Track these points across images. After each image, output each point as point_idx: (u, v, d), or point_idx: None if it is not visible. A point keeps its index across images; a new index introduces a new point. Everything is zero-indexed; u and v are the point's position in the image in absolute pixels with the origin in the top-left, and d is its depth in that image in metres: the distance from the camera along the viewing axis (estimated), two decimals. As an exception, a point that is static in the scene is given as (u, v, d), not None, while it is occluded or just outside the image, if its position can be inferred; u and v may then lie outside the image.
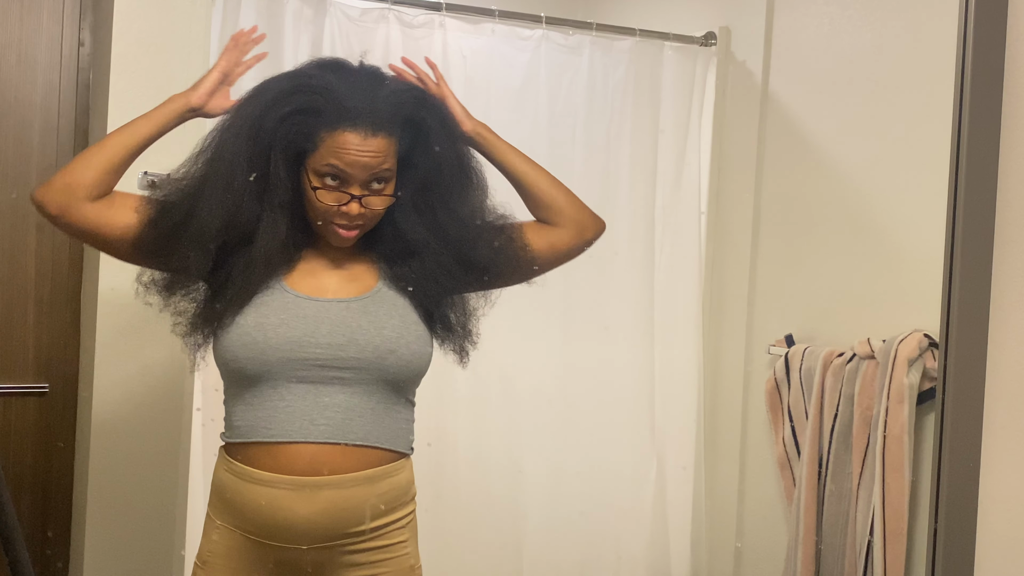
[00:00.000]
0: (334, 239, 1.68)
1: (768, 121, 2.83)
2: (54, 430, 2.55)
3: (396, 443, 1.70)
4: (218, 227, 1.62)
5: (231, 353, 1.64)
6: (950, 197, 1.78)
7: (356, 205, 1.64)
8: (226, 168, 1.64)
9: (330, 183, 1.63)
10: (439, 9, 2.61)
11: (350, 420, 1.64)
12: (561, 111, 2.78)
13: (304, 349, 1.63)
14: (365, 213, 1.66)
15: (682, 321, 2.95)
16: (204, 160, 1.68)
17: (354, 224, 1.66)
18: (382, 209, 1.68)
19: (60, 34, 2.51)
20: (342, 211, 1.64)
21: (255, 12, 2.43)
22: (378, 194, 1.66)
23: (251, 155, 1.63)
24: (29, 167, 2.50)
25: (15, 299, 2.50)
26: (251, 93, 1.70)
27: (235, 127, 1.67)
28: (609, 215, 2.86)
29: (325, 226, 1.67)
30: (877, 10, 2.53)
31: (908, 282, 2.38)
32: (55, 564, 2.55)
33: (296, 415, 1.63)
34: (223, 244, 1.64)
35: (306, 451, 1.63)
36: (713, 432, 2.98)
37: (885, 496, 2.29)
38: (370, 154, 1.62)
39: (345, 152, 1.61)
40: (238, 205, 1.63)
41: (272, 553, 1.65)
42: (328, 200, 1.64)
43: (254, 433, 1.64)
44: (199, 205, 1.63)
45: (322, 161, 1.62)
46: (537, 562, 2.79)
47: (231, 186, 1.63)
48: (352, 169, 1.62)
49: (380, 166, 1.64)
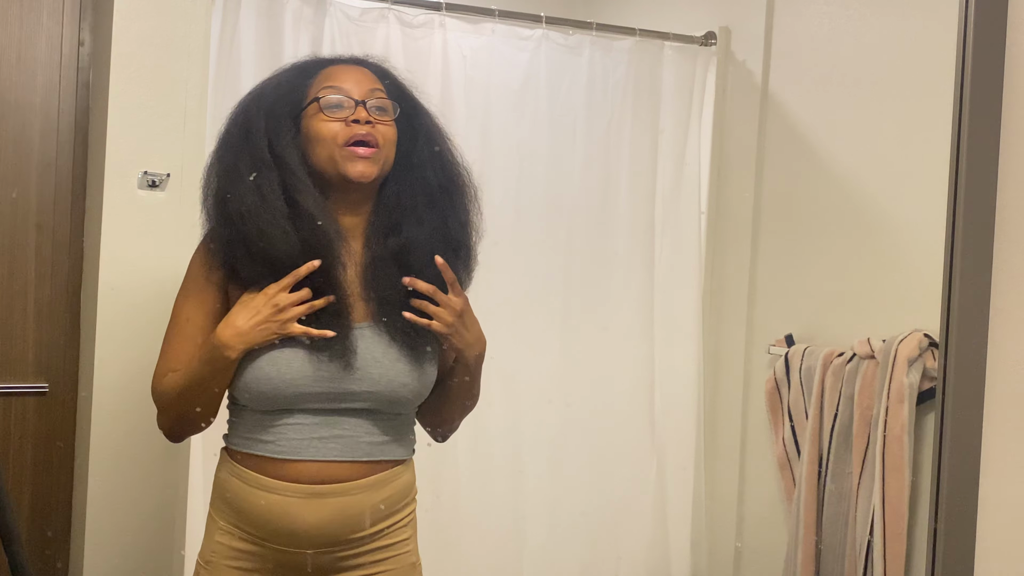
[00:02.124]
0: (352, 167, 1.62)
1: (768, 121, 2.83)
2: (54, 430, 2.55)
3: (399, 453, 1.71)
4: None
5: (243, 384, 1.62)
6: (950, 197, 1.78)
7: (363, 110, 1.62)
8: (240, 157, 1.64)
9: (332, 105, 1.63)
10: (439, 9, 2.61)
11: (358, 438, 1.64)
12: (561, 111, 2.78)
13: (317, 384, 1.61)
14: (375, 129, 1.63)
15: (682, 321, 2.95)
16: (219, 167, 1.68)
17: (369, 139, 1.62)
18: (392, 137, 1.66)
19: (60, 34, 2.51)
20: (352, 123, 1.62)
21: (255, 12, 2.43)
22: (381, 114, 1.66)
23: (250, 136, 1.64)
24: (29, 167, 2.50)
25: (15, 299, 2.50)
26: (234, 109, 1.72)
27: (240, 115, 1.69)
28: (609, 215, 2.89)
29: (339, 160, 1.62)
30: (877, 10, 2.53)
31: (908, 282, 2.38)
32: (55, 564, 2.55)
33: (304, 435, 1.62)
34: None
35: (313, 465, 1.63)
36: (713, 432, 2.98)
37: (885, 496, 2.29)
38: (359, 75, 1.66)
39: (336, 75, 1.66)
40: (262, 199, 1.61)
41: (276, 556, 1.65)
42: (336, 115, 1.62)
43: (260, 448, 1.64)
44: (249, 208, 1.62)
45: (317, 90, 1.65)
46: (537, 562, 2.79)
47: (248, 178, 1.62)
48: (348, 84, 1.64)
49: (374, 85, 1.66)
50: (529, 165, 2.74)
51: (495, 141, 2.70)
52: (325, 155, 1.63)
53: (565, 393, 2.79)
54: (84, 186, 2.52)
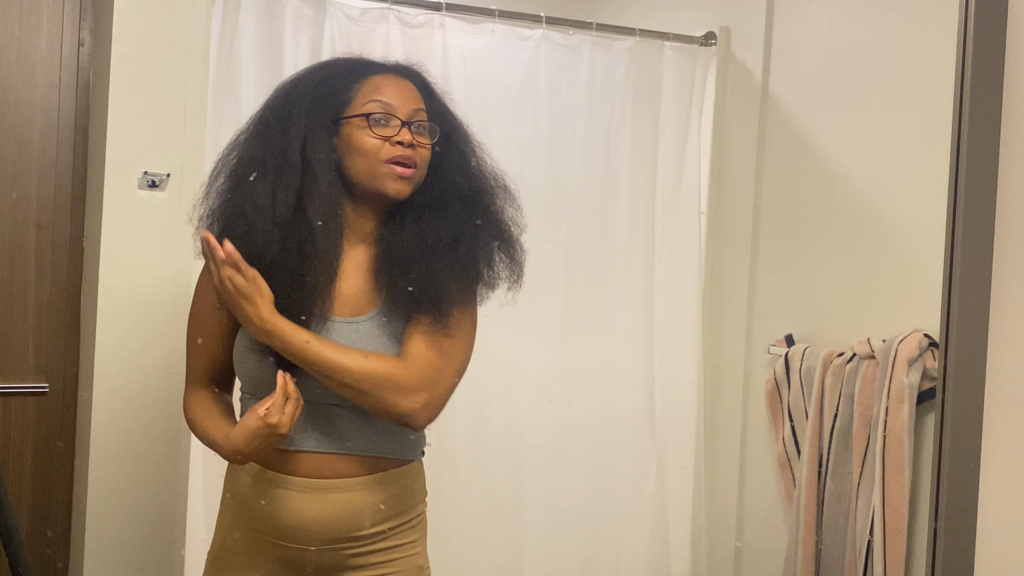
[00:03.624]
0: (391, 184, 1.64)
1: (768, 121, 2.83)
2: (54, 430, 2.55)
3: (405, 452, 1.71)
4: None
5: (246, 368, 1.66)
6: (950, 197, 1.78)
7: (407, 132, 1.64)
8: (267, 156, 1.63)
9: (378, 120, 1.64)
10: (439, 9, 2.61)
11: (360, 431, 1.65)
12: (561, 111, 2.78)
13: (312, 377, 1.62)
14: (416, 151, 1.65)
15: (682, 321, 2.95)
16: (238, 165, 1.67)
17: (410, 161, 1.64)
18: (428, 158, 1.68)
19: (60, 34, 2.51)
20: (396, 144, 1.63)
21: (255, 12, 2.43)
22: (422, 136, 1.67)
23: (287, 131, 1.63)
24: (29, 167, 2.50)
25: (15, 299, 2.50)
26: (271, 96, 1.71)
27: (267, 118, 1.68)
28: (609, 215, 2.89)
29: (378, 176, 1.64)
30: (877, 10, 2.53)
31: (908, 282, 2.38)
32: (55, 564, 2.55)
33: (308, 427, 1.63)
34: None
35: (317, 457, 1.64)
36: (713, 432, 2.98)
37: (885, 496, 2.29)
38: (405, 90, 1.67)
39: (383, 88, 1.66)
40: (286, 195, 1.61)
41: (281, 551, 1.66)
42: (381, 132, 1.63)
43: None
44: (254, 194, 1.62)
45: (362, 103, 1.65)
46: (537, 562, 2.79)
47: (274, 174, 1.62)
48: (395, 100, 1.65)
49: (418, 105, 1.68)
50: (529, 165, 2.74)
51: (495, 141, 2.66)
52: (365, 168, 1.64)
53: (565, 393, 2.79)
54: (84, 186, 2.52)
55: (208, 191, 1.68)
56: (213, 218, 1.66)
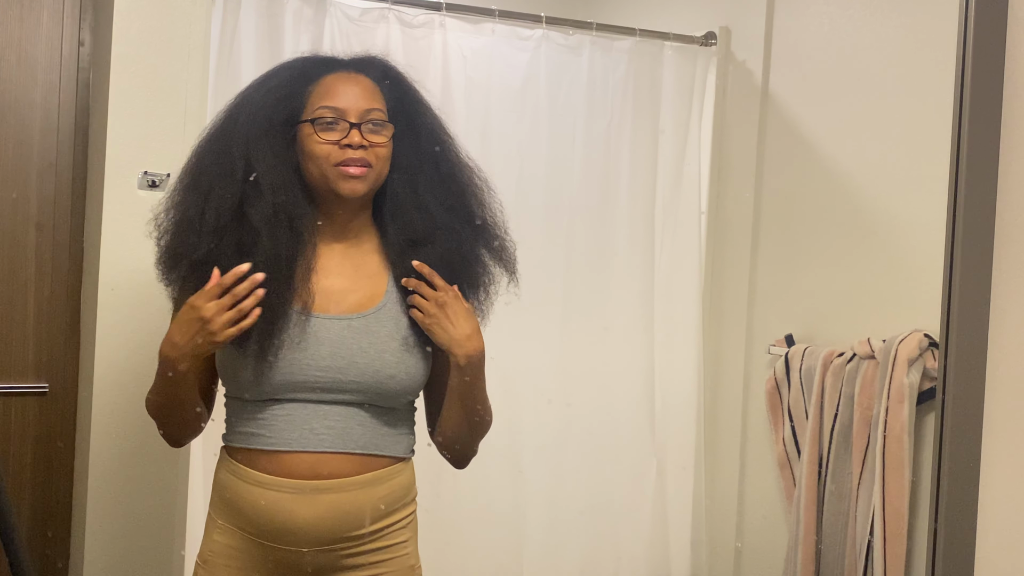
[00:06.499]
0: (343, 184, 1.64)
1: (768, 121, 2.84)
2: (54, 430, 2.55)
3: (396, 449, 1.70)
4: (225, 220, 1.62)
5: (232, 371, 1.65)
6: (950, 197, 1.78)
7: (357, 134, 1.64)
8: (223, 162, 1.65)
9: (327, 124, 1.64)
10: (439, 9, 2.61)
11: (350, 429, 1.64)
12: (561, 111, 2.78)
13: (304, 372, 1.62)
14: (369, 151, 1.65)
15: (682, 321, 2.95)
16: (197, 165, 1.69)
17: (360, 162, 1.64)
18: (385, 155, 1.68)
19: (60, 34, 2.51)
20: (345, 147, 1.63)
21: (255, 12, 2.43)
22: (376, 135, 1.67)
23: (247, 137, 1.65)
24: (29, 167, 2.50)
25: (15, 298, 2.50)
26: (231, 102, 1.73)
27: (222, 127, 1.70)
28: (609, 215, 2.89)
29: (332, 178, 1.64)
30: (877, 10, 2.53)
31: (908, 282, 2.38)
32: (55, 564, 2.55)
33: (296, 425, 1.63)
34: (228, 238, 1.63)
35: (307, 457, 1.63)
36: (713, 432, 2.98)
37: (885, 496, 2.29)
38: (358, 89, 1.67)
39: (334, 91, 1.66)
40: (241, 194, 1.63)
41: (273, 554, 1.65)
42: (329, 137, 1.64)
43: (254, 440, 1.65)
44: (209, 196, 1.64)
45: (313, 108, 1.65)
46: (537, 562, 2.79)
47: (232, 178, 1.63)
48: (344, 103, 1.65)
49: (371, 104, 1.67)
50: (529, 165, 2.74)
51: (495, 141, 2.70)
52: (317, 172, 1.66)
53: (565, 393, 2.80)
54: (84, 186, 2.52)
55: (167, 199, 1.70)
56: (162, 230, 1.67)
